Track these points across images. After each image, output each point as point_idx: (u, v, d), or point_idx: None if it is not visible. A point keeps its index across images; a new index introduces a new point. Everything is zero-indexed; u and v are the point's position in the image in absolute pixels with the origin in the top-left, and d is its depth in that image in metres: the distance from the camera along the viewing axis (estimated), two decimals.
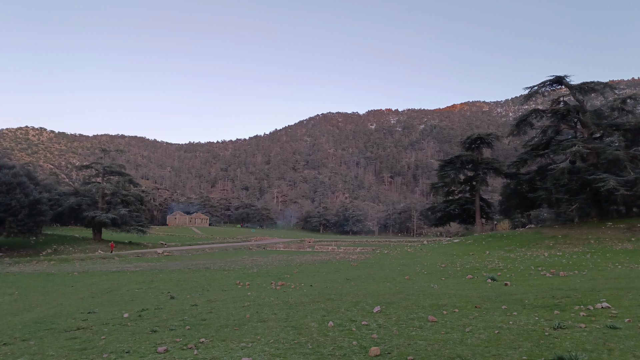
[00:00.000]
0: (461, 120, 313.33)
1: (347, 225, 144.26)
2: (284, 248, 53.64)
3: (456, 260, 22.18)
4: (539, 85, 37.51)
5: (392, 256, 28.01)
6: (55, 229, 65.66)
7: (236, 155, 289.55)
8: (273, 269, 21.86)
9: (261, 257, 34.10)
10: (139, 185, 62.75)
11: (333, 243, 68.74)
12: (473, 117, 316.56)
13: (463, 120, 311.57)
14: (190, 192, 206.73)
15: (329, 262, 25.90)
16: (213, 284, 15.86)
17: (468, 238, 36.40)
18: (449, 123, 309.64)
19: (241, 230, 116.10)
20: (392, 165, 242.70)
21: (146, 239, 58.29)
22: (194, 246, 54.15)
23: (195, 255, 40.71)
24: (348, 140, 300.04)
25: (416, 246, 37.20)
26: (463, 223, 53.61)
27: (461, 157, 45.03)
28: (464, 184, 47.54)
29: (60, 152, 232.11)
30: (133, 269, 23.70)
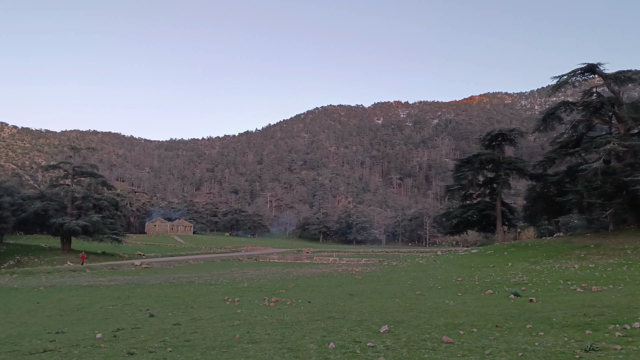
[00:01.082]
0: (480, 114, 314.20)
1: (351, 233, 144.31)
2: (279, 259, 53.59)
3: (474, 273, 22.18)
4: (569, 74, 37.59)
5: (402, 268, 27.99)
6: (19, 238, 65.62)
7: (224, 153, 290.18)
8: (266, 283, 21.84)
9: (253, 269, 34.07)
10: (113, 188, 62.74)
11: (334, 254, 68.70)
12: (494, 111, 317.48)
13: (482, 114, 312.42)
14: (172, 195, 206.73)
15: (330, 275, 25.88)
16: (198, 300, 15.85)
17: (488, 248, 36.41)
18: (467, 117, 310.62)
19: (230, 239, 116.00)
20: (401, 166, 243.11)
21: (122, 249, 58.23)
22: (176, 257, 54.09)
23: (177, 267, 40.64)
24: (351, 136, 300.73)
25: (429, 257, 37.18)
26: (482, 231, 53.58)
27: (480, 156, 45.05)
28: (483, 186, 47.56)
29: (24, 150, 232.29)
30: (107, 283, 23.68)
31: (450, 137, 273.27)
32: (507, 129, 47.49)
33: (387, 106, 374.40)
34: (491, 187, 46.85)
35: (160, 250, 67.61)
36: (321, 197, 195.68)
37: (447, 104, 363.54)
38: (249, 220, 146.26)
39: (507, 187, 46.15)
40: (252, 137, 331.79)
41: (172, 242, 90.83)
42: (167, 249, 72.62)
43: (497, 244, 40.87)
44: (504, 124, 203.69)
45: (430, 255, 40.82)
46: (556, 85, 38.19)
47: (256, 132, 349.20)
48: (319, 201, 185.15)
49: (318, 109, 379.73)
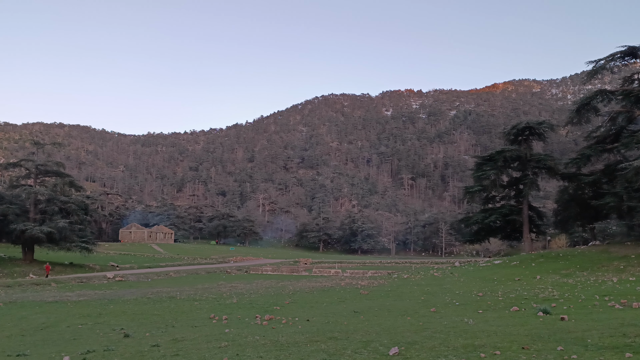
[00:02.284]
0: (504, 105, 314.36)
1: (355, 241, 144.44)
2: (273, 271, 53.64)
3: (497, 288, 22.20)
4: (607, 58, 37.54)
5: (414, 282, 28.02)
6: None
7: (210, 150, 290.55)
8: (258, 298, 21.85)
9: (243, 283, 34.10)
10: (82, 189, 62.76)
11: (336, 265, 68.75)
12: (520, 100, 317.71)
13: (507, 105, 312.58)
14: (150, 198, 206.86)
15: (332, 289, 25.89)
16: (180, 318, 15.87)
17: (513, 258, 36.42)
18: (489, 108, 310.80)
19: (216, 248, 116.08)
20: (413, 164, 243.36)
21: (92, 259, 58.26)
22: (154, 269, 54.12)
23: (156, 280, 40.67)
24: (356, 130, 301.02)
25: (445, 269, 37.19)
26: (506, 239, 53.56)
27: (504, 153, 45.06)
28: (507, 187, 47.58)
29: None
30: (76, 299, 23.69)
31: (469, 131, 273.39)
32: (535, 121, 47.44)
33: (397, 95, 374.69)
34: (517, 188, 46.84)
35: (136, 260, 67.65)
36: (321, 199, 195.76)
37: (467, 93, 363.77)
38: (238, 226, 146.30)
39: (535, 189, 46.13)
40: (242, 130, 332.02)
41: (150, 252, 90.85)
42: (144, 259, 72.63)
43: (523, 253, 40.85)
44: (531, 116, 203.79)
45: (447, 267, 40.80)
46: (592, 71, 38.15)
47: (246, 125, 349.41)
48: (318, 204, 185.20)
49: (318, 98, 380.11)
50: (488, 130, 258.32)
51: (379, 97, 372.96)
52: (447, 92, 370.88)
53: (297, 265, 67.28)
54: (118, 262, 60.26)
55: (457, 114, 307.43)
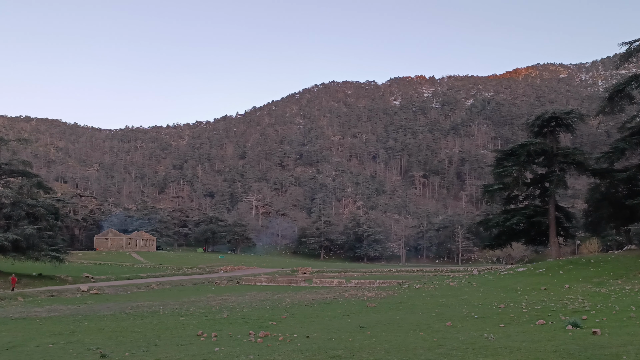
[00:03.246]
0: (528, 92, 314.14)
1: (360, 248, 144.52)
2: (268, 282, 53.70)
3: (521, 298, 22.20)
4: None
5: (427, 292, 28.02)
6: None
7: (196, 145, 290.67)
8: (252, 312, 21.86)
9: (234, 295, 34.12)
10: (52, 190, 62.74)
11: (340, 274, 68.82)
12: (545, 87, 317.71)
13: (530, 92, 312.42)
14: (129, 200, 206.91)
15: (334, 301, 25.90)
16: (163, 335, 15.87)
17: (538, 265, 36.41)
18: (510, 96, 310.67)
19: (204, 257, 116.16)
20: (425, 160, 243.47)
21: (64, 269, 58.23)
22: (134, 280, 54.15)
23: (136, 293, 40.69)
24: (361, 122, 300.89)
25: (462, 278, 37.19)
26: (530, 244, 53.66)
27: (528, 147, 45.02)
28: (531, 185, 47.58)
29: None
30: (45, 315, 23.70)
31: (488, 122, 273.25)
32: (562, 111, 47.44)
33: (406, 82, 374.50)
34: (542, 186, 46.84)
35: (114, 271, 67.68)
36: (322, 201, 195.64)
37: (485, 80, 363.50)
38: (228, 231, 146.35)
39: (563, 187, 46.09)
40: (232, 123, 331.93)
41: (129, 261, 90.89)
42: (122, 269, 72.64)
43: (550, 260, 40.84)
44: (558, 105, 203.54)
45: (464, 276, 40.80)
46: (626, 53, 38.00)
47: (237, 118, 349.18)
48: (319, 206, 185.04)
49: (317, 86, 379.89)
50: (509, 121, 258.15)
51: (386, 85, 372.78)
52: (463, 79, 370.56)
53: (296, 275, 67.32)
54: (93, 273, 60.26)
55: (474, 103, 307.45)
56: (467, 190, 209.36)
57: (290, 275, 66.06)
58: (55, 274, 54.74)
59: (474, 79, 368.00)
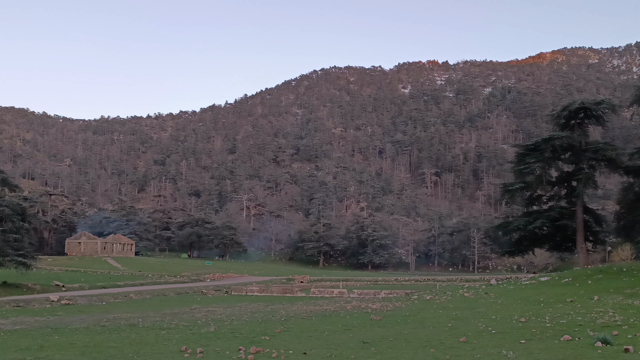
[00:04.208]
0: (553, 80, 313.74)
1: (365, 254, 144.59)
2: (261, 292, 53.72)
3: (544, 311, 22.22)
4: None
5: (439, 304, 28.04)
6: None
7: (180, 138, 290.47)
8: (242, 326, 21.86)
9: (222, 306, 34.11)
10: (18, 188, 62.73)
11: (341, 283, 68.86)
12: (573, 74, 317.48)
13: (556, 80, 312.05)
14: (105, 199, 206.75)
15: (335, 314, 25.90)
16: (143, 351, 15.86)
17: (564, 274, 36.45)
18: (533, 84, 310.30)
19: (189, 263, 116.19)
20: (438, 155, 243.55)
21: (32, 277, 58.17)
22: (111, 289, 54.13)
23: (113, 304, 40.68)
24: (365, 113, 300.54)
25: (478, 288, 37.21)
26: (555, 250, 53.63)
27: (553, 141, 45.01)
28: (557, 184, 47.58)
29: None
30: (10, 327, 23.67)
31: (509, 113, 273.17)
32: (592, 101, 47.39)
33: (417, 68, 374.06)
34: (569, 185, 46.84)
35: (87, 279, 67.64)
36: (321, 201, 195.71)
37: (505, 65, 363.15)
38: (216, 235, 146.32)
39: (592, 186, 46.12)
40: (221, 114, 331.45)
41: (104, 268, 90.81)
42: (97, 277, 72.57)
43: (577, 268, 40.90)
44: (587, 94, 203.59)
45: (480, 286, 40.81)
46: None
47: (226, 107, 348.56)
48: (318, 207, 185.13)
49: (317, 72, 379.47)
50: (532, 112, 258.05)
51: (394, 71, 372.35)
52: (480, 64, 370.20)
53: (291, 284, 67.35)
54: (64, 281, 60.19)
55: (493, 91, 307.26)
56: (485, 190, 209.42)
57: (286, 285, 66.09)
58: (21, 281, 54.64)
59: (493, 64, 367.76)
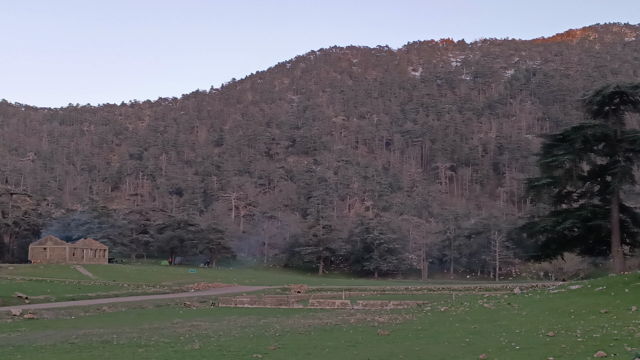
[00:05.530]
0: (584, 60, 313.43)
1: (370, 260, 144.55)
2: (252, 304, 53.66)
3: (575, 324, 22.22)
4: None
5: (455, 317, 28.04)
6: None
7: (159, 129, 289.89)
8: (231, 342, 21.83)
9: (208, 320, 34.09)
10: None
11: (344, 293, 68.81)
12: (606, 54, 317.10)
13: (587, 60, 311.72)
14: (73, 199, 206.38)
15: (337, 328, 25.88)
16: None
17: (597, 282, 36.44)
18: (561, 65, 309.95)
19: (170, 271, 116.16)
20: (453, 147, 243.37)
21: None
22: (81, 301, 54.11)
23: (83, 318, 40.64)
24: (370, 99, 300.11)
25: (500, 298, 37.21)
26: (587, 254, 53.63)
27: (584, 130, 44.93)
28: (589, 180, 47.51)
29: None
30: None
31: (534, 99, 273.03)
32: (629, 84, 47.30)
33: (429, 48, 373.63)
34: (603, 181, 46.79)
35: (54, 289, 67.58)
36: (321, 199, 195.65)
37: (529, 44, 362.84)
38: (201, 239, 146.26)
39: (629, 182, 46.08)
40: (206, 101, 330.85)
41: (73, 276, 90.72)
42: (65, 287, 72.51)
43: (612, 275, 40.90)
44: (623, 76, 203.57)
45: (502, 295, 40.80)
46: None
47: (212, 94, 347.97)
48: (317, 207, 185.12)
49: (315, 53, 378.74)
50: (560, 97, 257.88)
51: (402, 51, 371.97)
52: (501, 43, 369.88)
53: (287, 295, 67.25)
54: (28, 293, 60.18)
55: (515, 74, 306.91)
56: (507, 187, 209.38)
57: (281, 295, 66.02)
58: None
59: (515, 43, 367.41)
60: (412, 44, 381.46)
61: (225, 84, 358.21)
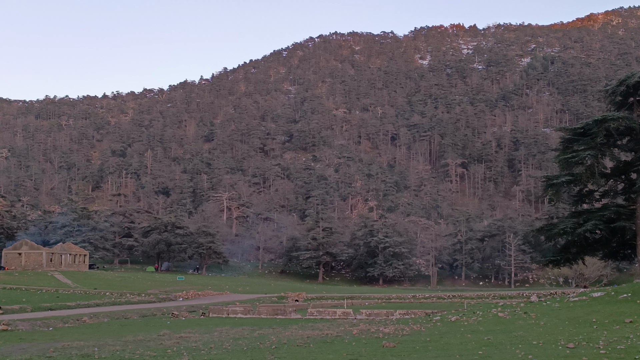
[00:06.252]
0: (606, 47, 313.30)
1: (374, 265, 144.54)
2: (246, 313, 53.73)
3: (598, 335, 22.23)
4: None
5: (467, 327, 28.04)
6: None
7: (144, 123, 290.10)
8: (223, 356, 21.82)
9: (198, 332, 34.11)
10: None
11: (346, 302, 68.81)
12: (631, 40, 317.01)
13: (610, 47, 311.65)
14: (51, 200, 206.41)
15: (338, 340, 25.88)
16: None
17: (622, 289, 36.43)
18: (581, 52, 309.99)
19: (156, 278, 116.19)
20: (465, 142, 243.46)
21: None
22: (59, 311, 54.10)
23: (62, 329, 40.62)
24: (374, 90, 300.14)
25: (516, 306, 37.20)
26: (611, 258, 53.58)
27: (607, 123, 44.88)
28: (612, 177, 47.49)
29: None
30: None
31: (552, 89, 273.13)
32: None
33: (438, 34, 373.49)
34: (627, 178, 46.79)
35: (30, 298, 67.59)
36: (321, 200, 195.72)
37: (547, 30, 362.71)
38: (190, 243, 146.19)
39: None
40: (195, 92, 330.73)
41: (51, 284, 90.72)
42: (42, 296, 72.51)
43: (638, 281, 40.95)
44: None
45: (519, 303, 40.81)
46: None
47: (202, 85, 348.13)
48: (316, 208, 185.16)
49: (314, 40, 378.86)
50: (581, 87, 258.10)
51: (409, 38, 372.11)
52: (516, 29, 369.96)
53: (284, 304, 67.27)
54: (1, 302, 60.22)
55: (532, 62, 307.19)
56: (523, 185, 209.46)
57: (277, 304, 66.04)
58: None
59: (532, 28, 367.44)
60: (419, 29, 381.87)
61: (216, 74, 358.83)
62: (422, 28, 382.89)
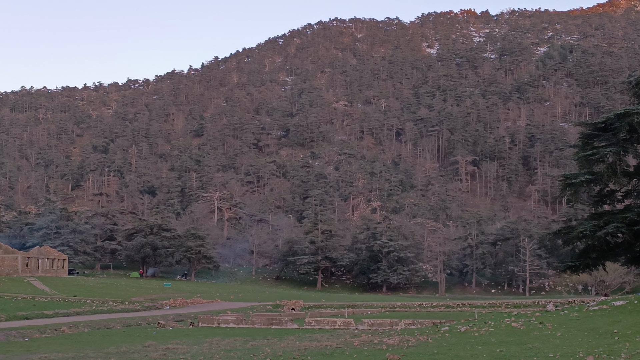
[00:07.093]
0: (630, 35, 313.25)
1: (378, 271, 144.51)
2: (238, 323, 53.74)
3: (619, 347, 22.26)
4: None
5: (478, 338, 28.08)
6: None
7: (128, 116, 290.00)
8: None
9: (186, 343, 34.12)
10: None
11: (346, 311, 68.84)
12: None
13: (634, 35, 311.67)
14: (27, 199, 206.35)
15: (338, 352, 25.91)
16: None
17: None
18: (603, 41, 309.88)
19: (141, 285, 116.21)
20: (476, 138, 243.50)
21: None
22: (36, 320, 54.09)
23: (39, 340, 40.62)
24: (378, 81, 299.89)
25: (531, 316, 37.25)
26: (634, 264, 53.61)
27: (630, 117, 44.93)
28: (636, 176, 47.55)
29: None
30: None
31: (571, 81, 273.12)
32: None
33: (447, 21, 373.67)
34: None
35: (4, 306, 67.57)
36: (320, 200, 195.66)
37: (565, 16, 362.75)
38: (178, 247, 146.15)
39: None
40: (183, 83, 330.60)
41: (27, 291, 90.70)
42: (17, 303, 72.50)
43: None
44: None
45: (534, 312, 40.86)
46: None
47: (191, 75, 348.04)
48: (314, 209, 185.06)
49: (312, 27, 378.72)
50: (602, 78, 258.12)
51: (415, 24, 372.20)
52: (531, 15, 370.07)
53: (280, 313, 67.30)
54: None
55: (549, 51, 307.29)
56: (539, 184, 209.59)
57: (272, 313, 66.05)
58: None
59: (549, 15, 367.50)
60: (426, 15, 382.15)
61: (207, 64, 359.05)
62: (430, 14, 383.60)
